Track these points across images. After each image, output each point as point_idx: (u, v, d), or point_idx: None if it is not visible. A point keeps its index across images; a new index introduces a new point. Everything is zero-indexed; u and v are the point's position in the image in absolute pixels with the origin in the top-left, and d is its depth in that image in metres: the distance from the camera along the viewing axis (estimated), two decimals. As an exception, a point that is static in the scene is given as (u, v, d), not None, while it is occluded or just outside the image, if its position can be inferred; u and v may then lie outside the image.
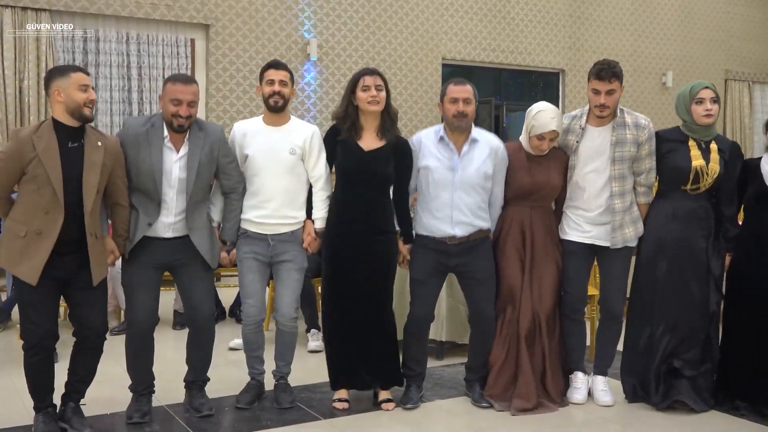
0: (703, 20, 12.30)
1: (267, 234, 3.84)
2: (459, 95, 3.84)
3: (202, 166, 3.62)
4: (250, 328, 3.93)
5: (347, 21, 9.52)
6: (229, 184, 3.81)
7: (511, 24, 10.66)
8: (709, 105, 3.87)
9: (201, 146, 3.62)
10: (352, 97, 3.83)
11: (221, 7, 8.73)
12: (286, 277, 3.89)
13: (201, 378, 3.91)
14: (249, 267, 3.87)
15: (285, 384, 4.03)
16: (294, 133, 3.85)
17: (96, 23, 8.14)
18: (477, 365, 4.09)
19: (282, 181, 3.81)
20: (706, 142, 3.94)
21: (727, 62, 12.49)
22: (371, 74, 3.81)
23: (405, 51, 9.89)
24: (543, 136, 3.92)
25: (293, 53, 9.18)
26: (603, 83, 3.84)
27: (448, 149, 3.89)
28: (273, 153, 3.80)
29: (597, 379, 4.14)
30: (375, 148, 3.82)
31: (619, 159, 3.92)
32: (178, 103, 3.51)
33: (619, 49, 11.45)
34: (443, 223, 3.88)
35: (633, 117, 3.98)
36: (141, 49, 8.27)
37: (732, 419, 3.88)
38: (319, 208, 3.92)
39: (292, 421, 3.78)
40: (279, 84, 3.80)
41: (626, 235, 3.97)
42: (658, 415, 3.92)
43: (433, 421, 3.86)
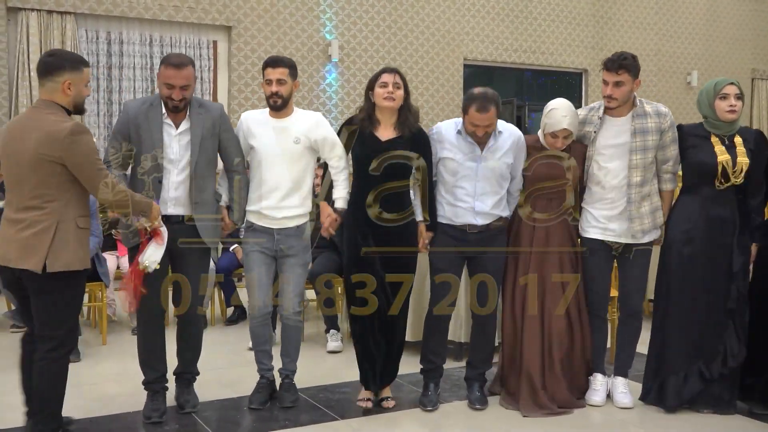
0: (729, 18, 12.15)
1: (273, 228, 3.86)
2: (481, 123, 3.81)
3: (204, 140, 3.68)
4: (257, 321, 3.94)
5: (368, 22, 9.53)
6: (230, 159, 3.85)
7: (533, 24, 10.61)
8: (733, 101, 3.85)
9: (202, 122, 3.68)
10: (371, 94, 3.86)
11: (243, 9, 8.79)
12: (289, 272, 3.92)
13: (189, 370, 3.91)
14: (255, 260, 3.89)
15: (289, 383, 4.03)
16: (298, 123, 3.88)
17: (120, 26, 8.23)
18: (476, 360, 4.09)
19: (286, 171, 3.83)
20: (729, 137, 3.90)
21: (753, 61, 12.33)
22: (390, 72, 3.83)
23: (426, 52, 9.88)
24: (556, 135, 3.90)
25: (315, 54, 9.21)
26: (610, 74, 3.84)
27: (467, 141, 3.88)
28: (277, 143, 3.83)
29: (617, 381, 4.11)
30: (391, 138, 3.84)
31: (641, 148, 3.89)
32: (171, 87, 3.56)
33: (643, 48, 11.34)
34: (465, 213, 3.89)
35: (652, 106, 3.96)
36: (164, 51, 8.36)
37: (751, 422, 3.84)
38: (341, 188, 3.94)
39: (310, 421, 3.79)
40: (276, 84, 3.81)
41: (645, 226, 3.94)
42: (677, 418, 3.88)
43: (450, 421, 3.86)
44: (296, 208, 3.88)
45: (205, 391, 3.99)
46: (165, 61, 3.63)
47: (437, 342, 4.05)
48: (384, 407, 3.97)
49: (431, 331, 4.05)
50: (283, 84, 3.83)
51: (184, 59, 3.65)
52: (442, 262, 3.97)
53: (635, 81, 3.88)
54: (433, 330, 4.04)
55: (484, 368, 4.12)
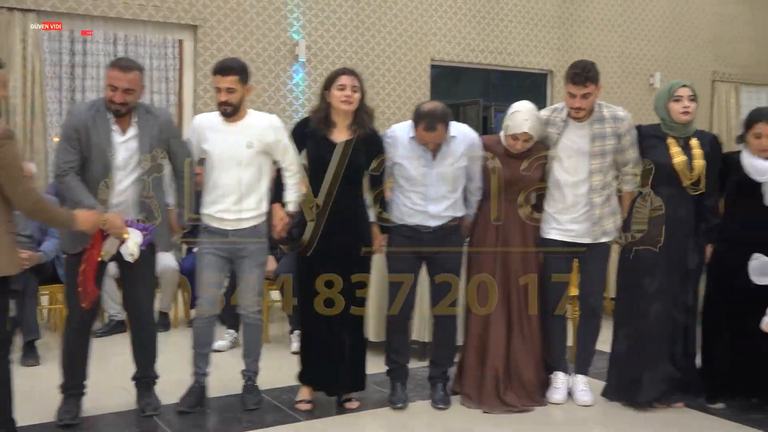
0: (691, 22, 12.36)
1: (227, 229, 3.84)
2: (429, 140, 3.85)
3: (152, 147, 3.65)
4: (202, 322, 3.91)
5: (336, 22, 9.53)
6: (177, 165, 3.83)
7: (499, 25, 10.69)
8: (686, 102, 3.93)
9: (150, 127, 3.65)
10: (327, 94, 3.84)
11: (209, 8, 8.73)
12: (247, 272, 3.89)
13: (147, 375, 3.89)
14: (208, 262, 3.86)
15: (252, 385, 4.02)
16: (252, 126, 3.85)
17: (83, 24, 8.12)
18: (439, 358, 4.12)
19: (240, 175, 3.81)
20: (685, 139, 3.98)
21: (714, 64, 12.55)
22: (348, 74, 3.81)
23: (394, 52, 9.91)
24: (516, 137, 3.95)
25: (282, 54, 9.18)
26: (578, 87, 3.88)
27: (420, 147, 3.91)
28: (230, 148, 3.81)
29: (578, 379, 4.17)
30: (346, 140, 3.83)
31: (599, 153, 3.95)
32: (114, 89, 3.53)
33: (607, 50, 11.49)
34: (419, 215, 3.93)
35: (610, 110, 4.02)
36: (129, 50, 8.25)
37: (708, 417, 3.93)
38: (292, 191, 3.92)
39: (274, 422, 3.80)
40: (226, 93, 3.76)
41: (606, 227, 4.01)
42: (637, 414, 3.95)
43: (416, 421, 3.89)
44: (251, 210, 3.86)
45: (167, 394, 3.97)
46: (112, 63, 3.60)
47: (399, 342, 4.08)
48: (347, 408, 3.97)
49: (392, 331, 4.09)
50: (233, 92, 3.77)
51: (132, 63, 3.62)
52: (397, 262, 3.99)
53: (598, 87, 3.94)
54: (394, 330, 4.07)
55: (446, 366, 4.15)
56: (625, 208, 4.11)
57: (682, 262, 3.97)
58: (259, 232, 3.90)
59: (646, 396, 3.99)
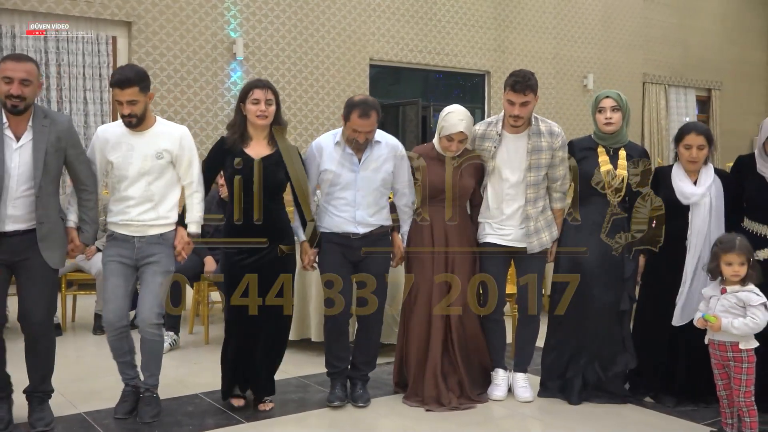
0: (623, 25, 12.71)
1: (134, 236, 3.70)
2: (362, 129, 3.86)
3: (49, 156, 3.44)
4: (112, 335, 3.71)
5: (274, 20, 9.47)
6: (78, 177, 3.65)
7: (438, 26, 10.80)
8: (608, 113, 4.04)
9: (46, 134, 3.44)
10: (242, 107, 3.78)
11: (144, 4, 8.56)
12: (150, 280, 3.71)
13: (40, 389, 3.68)
14: (112, 271, 3.70)
15: (149, 397, 3.80)
16: (161, 136, 3.71)
17: (12, 19, 7.87)
18: (360, 363, 4.12)
19: (150, 186, 3.68)
20: (614, 149, 4.09)
21: (645, 66, 12.94)
22: (262, 88, 3.73)
23: (333, 51, 9.90)
24: (451, 137, 4.00)
25: (219, 52, 9.08)
26: (518, 95, 3.93)
27: (345, 153, 3.94)
28: (139, 159, 3.66)
29: (517, 376, 4.25)
30: (264, 156, 3.79)
31: (535, 166, 4.03)
32: (9, 81, 3.32)
33: (542, 52, 11.72)
34: (346, 222, 3.94)
35: (547, 125, 4.10)
36: (60, 47, 8.04)
37: (641, 410, 4.05)
38: (196, 210, 3.82)
39: (215, 425, 3.75)
40: (127, 105, 3.58)
41: (542, 239, 4.10)
42: (574, 409, 4.05)
43: (359, 420, 3.90)
44: (161, 219, 3.73)
45: (109, 400, 3.89)
46: (3, 58, 3.41)
47: (339, 347, 4.07)
48: (261, 410, 3.93)
49: (331, 337, 4.07)
50: (135, 104, 3.59)
51: (26, 56, 3.46)
52: (328, 266, 3.99)
53: (536, 98, 4.00)
54: (334, 335, 4.06)
55: (367, 370, 4.16)
56: (558, 225, 4.18)
57: (618, 270, 4.07)
58: (167, 240, 3.76)
59: (574, 398, 4.11)
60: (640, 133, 12.78)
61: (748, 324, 3.39)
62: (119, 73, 3.59)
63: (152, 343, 3.76)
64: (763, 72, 14.84)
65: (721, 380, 3.57)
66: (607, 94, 4.10)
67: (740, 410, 3.49)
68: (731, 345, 3.46)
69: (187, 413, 3.89)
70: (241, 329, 3.88)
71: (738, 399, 3.47)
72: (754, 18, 14.58)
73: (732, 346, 3.46)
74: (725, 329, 3.42)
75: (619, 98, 4.07)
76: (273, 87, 3.80)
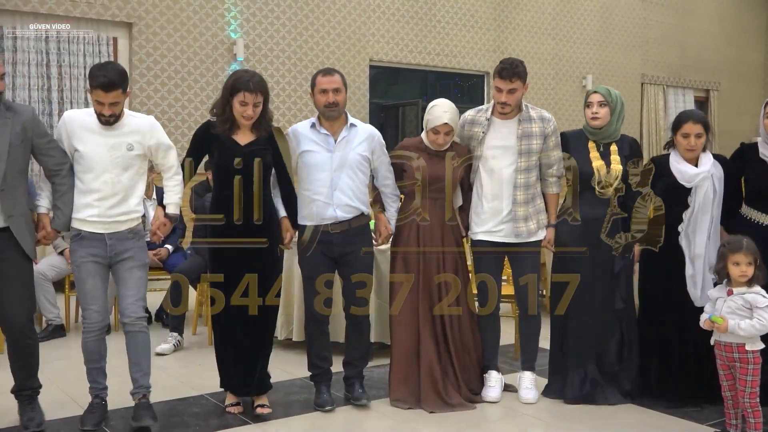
0: (621, 26, 12.74)
1: (104, 233, 3.63)
2: (328, 86, 3.91)
3: (13, 148, 3.40)
4: (93, 335, 3.66)
5: (274, 21, 9.48)
6: (50, 165, 3.60)
7: (437, 27, 10.81)
8: (595, 108, 4.07)
9: (11, 127, 3.40)
10: (230, 100, 3.74)
11: (144, 6, 8.56)
12: (128, 276, 3.68)
13: (27, 386, 3.65)
14: (88, 272, 3.63)
15: (146, 404, 3.73)
16: (131, 127, 3.66)
17: (13, 20, 7.87)
18: (354, 359, 4.14)
19: (119, 178, 3.62)
20: (605, 144, 4.10)
21: (643, 66, 12.97)
22: (252, 91, 3.69)
23: (332, 52, 9.91)
24: (437, 130, 4.03)
25: (219, 53, 9.08)
26: (504, 82, 3.98)
27: (321, 134, 3.97)
28: (108, 151, 3.60)
29: (524, 375, 4.25)
30: (250, 141, 3.81)
31: (525, 151, 4.04)
32: None
33: (541, 52, 11.74)
34: (323, 207, 3.93)
35: (537, 111, 4.13)
36: (61, 48, 8.03)
37: (643, 410, 4.06)
38: (174, 193, 3.82)
39: (220, 426, 3.77)
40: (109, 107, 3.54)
41: (530, 227, 4.09)
42: (575, 409, 4.06)
43: (359, 421, 3.91)
44: (129, 213, 3.69)
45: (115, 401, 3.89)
46: None
47: (321, 346, 4.08)
48: (258, 414, 3.91)
49: (313, 336, 4.07)
50: (117, 105, 3.56)
51: None
52: (307, 265, 4.00)
53: (525, 86, 4.03)
54: (316, 335, 4.06)
55: (361, 366, 4.17)
56: (552, 211, 4.18)
57: (608, 266, 4.09)
58: (136, 234, 3.73)
59: (570, 394, 4.12)
60: (639, 133, 12.81)
61: (755, 325, 3.41)
62: (103, 76, 3.47)
63: (140, 335, 3.72)
64: (761, 73, 14.89)
65: (727, 381, 3.59)
66: (596, 89, 4.13)
67: (745, 411, 3.51)
68: (737, 346, 3.48)
69: (194, 414, 3.91)
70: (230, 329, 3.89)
71: (743, 400, 3.49)
72: (752, 19, 14.62)
73: (738, 347, 3.48)
74: (732, 331, 3.44)
75: (608, 93, 4.08)
76: (263, 87, 3.75)
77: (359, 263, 4.02)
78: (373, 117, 10.49)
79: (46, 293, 5.38)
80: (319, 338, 4.06)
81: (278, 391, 4.21)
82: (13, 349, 3.59)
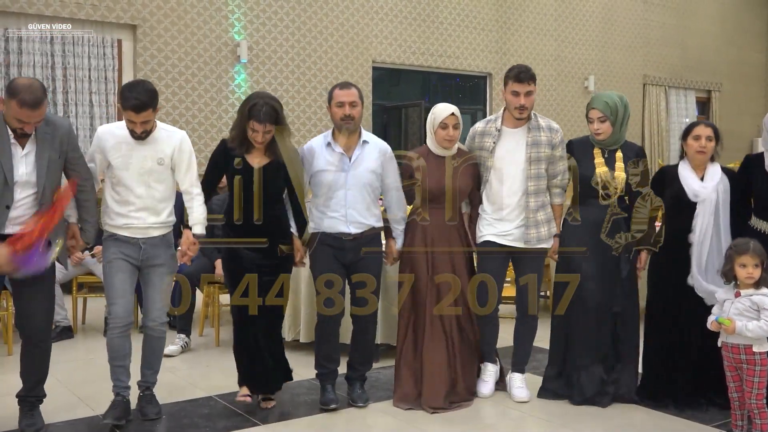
0: (622, 27, 12.77)
1: (138, 237, 3.73)
2: (345, 99, 3.95)
3: (52, 162, 3.49)
4: (118, 331, 3.71)
5: (278, 23, 9.50)
6: (79, 179, 3.65)
7: (439, 28, 10.84)
8: (597, 125, 4.08)
9: (50, 142, 3.48)
10: (246, 125, 3.79)
11: (149, 8, 8.59)
12: (158, 281, 3.79)
13: (33, 393, 3.68)
14: (119, 267, 3.70)
15: (151, 395, 3.87)
16: (161, 142, 3.74)
17: (18, 22, 7.90)
18: (357, 362, 4.18)
19: (150, 191, 3.72)
20: (611, 151, 4.13)
21: (645, 67, 13.00)
22: (261, 122, 3.73)
23: (336, 54, 9.94)
24: (446, 123, 4.07)
25: (223, 55, 9.11)
26: (522, 85, 4.02)
27: (336, 153, 3.99)
28: (140, 164, 3.69)
29: (514, 376, 4.28)
30: (265, 164, 3.86)
31: (535, 159, 4.08)
32: (21, 122, 3.33)
33: (543, 54, 11.77)
34: (338, 222, 3.99)
35: (545, 121, 4.18)
36: (66, 50, 8.07)
37: (648, 411, 4.08)
38: (198, 213, 3.87)
39: (231, 427, 3.79)
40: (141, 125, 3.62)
41: (541, 234, 4.12)
42: (582, 410, 4.08)
43: (365, 422, 3.93)
44: (162, 223, 3.79)
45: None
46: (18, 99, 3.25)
47: (330, 348, 4.10)
48: (263, 408, 4.00)
49: (322, 338, 4.10)
50: (149, 123, 3.65)
51: (40, 98, 3.32)
52: (319, 268, 4.04)
53: (536, 89, 4.09)
54: (325, 336, 4.09)
55: (364, 369, 4.21)
56: (557, 222, 4.23)
57: (614, 272, 4.11)
58: (168, 241, 3.82)
59: (576, 397, 4.15)
60: (641, 135, 12.84)
61: (762, 327, 3.43)
62: (134, 98, 3.54)
63: (159, 340, 3.87)
64: (762, 73, 14.92)
65: (733, 382, 3.61)
66: (594, 105, 4.11)
67: (751, 412, 3.54)
68: (745, 348, 3.50)
69: (203, 416, 3.93)
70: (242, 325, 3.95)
71: (750, 401, 3.51)
72: (753, 19, 14.66)
73: (745, 348, 3.50)
74: (739, 332, 3.46)
75: (606, 107, 4.06)
76: (272, 118, 3.77)
77: (369, 267, 4.07)
78: (376, 118, 10.53)
79: (53, 295, 5.40)
80: (329, 339, 4.09)
81: (285, 392, 4.24)
82: (29, 354, 3.63)
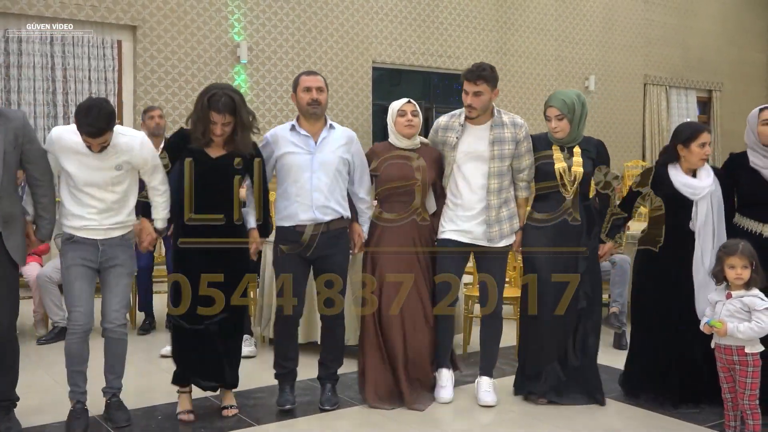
0: (623, 27, 12.76)
1: (96, 239, 3.67)
2: (312, 84, 3.98)
3: (7, 155, 3.43)
4: (77, 337, 3.65)
5: (278, 24, 9.52)
6: (35, 174, 3.61)
7: (440, 28, 10.85)
8: (554, 123, 4.07)
9: (4, 134, 3.41)
10: (205, 114, 3.71)
11: (149, 9, 8.62)
12: (115, 282, 3.73)
13: (7, 396, 3.64)
14: (78, 274, 3.66)
15: (118, 402, 3.81)
16: (119, 149, 3.63)
17: (19, 23, 7.93)
18: (328, 360, 4.15)
19: (110, 195, 3.67)
20: (569, 147, 4.13)
21: (645, 67, 12.99)
22: (220, 112, 3.65)
23: (336, 54, 9.95)
24: (404, 111, 4.13)
25: (223, 56, 9.13)
26: (470, 84, 4.02)
27: (301, 136, 3.98)
28: (97, 171, 3.62)
29: (482, 380, 4.24)
30: (223, 155, 3.81)
31: (498, 156, 4.07)
32: None
33: (544, 53, 11.77)
34: (303, 208, 3.93)
35: (509, 116, 4.16)
36: (66, 51, 8.09)
37: (647, 412, 4.07)
38: (162, 208, 3.84)
39: (226, 427, 3.80)
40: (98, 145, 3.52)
41: (503, 231, 4.11)
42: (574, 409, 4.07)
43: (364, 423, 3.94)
44: (122, 223, 3.74)
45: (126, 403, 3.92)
46: None
47: (288, 347, 4.08)
48: (225, 415, 3.92)
49: (281, 337, 4.08)
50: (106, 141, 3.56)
51: None
52: (282, 265, 4.01)
53: (494, 91, 4.05)
54: (283, 336, 4.07)
55: (335, 367, 4.18)
56: (522, 215, 4.22)
57: (572, 268, 4.10)
58: (127, 241, 3.78)
59: (538, 391, 4.13)
60: (641, 134, 12.84)
61: (753, 328, 3.44)
62: (89, 125, 3.44)
63: (119, 342, 3.78)
64: (763, 73, 14.91)
65: (727, 383, 3.62)
66: (551, 103, 4.08)
67: (744, 413, 3.54)
68: (737, 349, 3.51)
69: (199, 416, 3.93)
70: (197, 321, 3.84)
71: (742, 402, 3.52)
72: (754, 19, 14.64)
73: (738, 349, 3.51)
74: (731, 334, 3.47)
75: (563, 105, 4.04)
76: (233, 107, 3.68)
77: (335, 265, 4.03)
78: (376, 118, 10.54)
79: (51, 296, 5.42)
80: (289, 338, 4.06)
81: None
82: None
